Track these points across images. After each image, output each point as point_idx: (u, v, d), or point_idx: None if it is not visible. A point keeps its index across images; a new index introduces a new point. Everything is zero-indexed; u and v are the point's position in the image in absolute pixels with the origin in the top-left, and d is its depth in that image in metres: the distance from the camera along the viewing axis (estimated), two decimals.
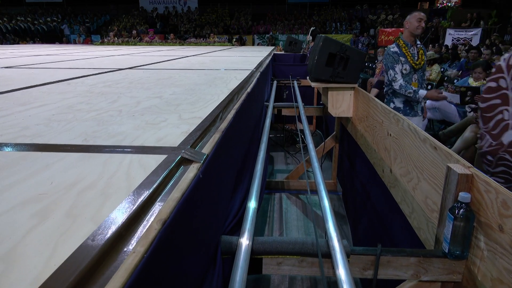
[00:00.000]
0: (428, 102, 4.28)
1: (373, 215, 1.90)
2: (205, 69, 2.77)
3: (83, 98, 1.46)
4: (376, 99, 1.94)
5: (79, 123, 1.04)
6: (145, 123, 1.04)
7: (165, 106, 1.31)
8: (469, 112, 3.52)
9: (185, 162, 0.75)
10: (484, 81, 3.91)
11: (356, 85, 2.45)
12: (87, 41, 14.56)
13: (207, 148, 0.86)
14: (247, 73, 2.49)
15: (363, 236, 2.07)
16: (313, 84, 2.50)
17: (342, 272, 0.86)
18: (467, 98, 3.76)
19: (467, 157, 3.07)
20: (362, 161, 2.25)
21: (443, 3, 17.65)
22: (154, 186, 0.60)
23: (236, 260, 0.87)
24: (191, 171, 0.70)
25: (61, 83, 1.92)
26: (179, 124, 1.03)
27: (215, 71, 2.66)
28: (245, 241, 0.93)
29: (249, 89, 1.83)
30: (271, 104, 2.84)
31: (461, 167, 0.94)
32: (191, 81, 2.02)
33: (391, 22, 16.65)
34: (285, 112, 3.10)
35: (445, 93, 4.10)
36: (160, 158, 0.74)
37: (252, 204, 1.09)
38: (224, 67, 2.96)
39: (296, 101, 3.04)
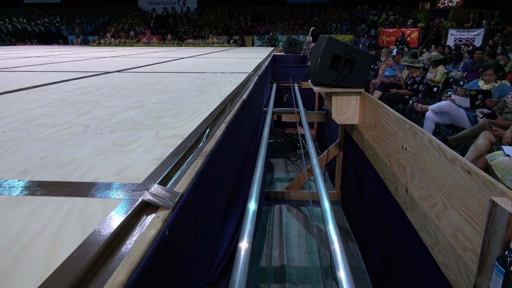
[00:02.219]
0: (435, 105, 4.08)
1: (387, 238, 1.70)
2: (199, 72, 2.57)
3: (51, 109, 1.26)
4: (387, 106, 1.73)
5: (29, 145, 0.83)
6: (111, 144, 0.83)
7: (143, 119, 1.10)
8: (481, 117, 3.32)
9: (148, 209, 0.55)
10: (496, 84, 3.71)
11: (362, 90, 2.25)
12: (93, 41, 14.02)
13: (184, 182, 0.65)
14: (244, 76, 2.29)
15: (377, 261, 1.87)
16: (315, 89, 2.30)
17: None
18: (478, 102, 3.56)
19: (480, 166, 2.87)
20: (371, 173, 2.04)
21: (445, 3, 17.47)
22: (85, 264, 0.39)
23: None
24: (154, 226, 0.50)
25: (34, 90, 1.71)
26: (153, 146, 0.82)
27: (209, 74, 2.45)
28: None
29: (244, 96, 1.63)
30: (270, 109, 2.64)
31: (511, 203, 0.73)
32: (180, 87, 1.82)
33: (392, 23, 16.45)
34: (285, 118, 2.90)
35: (454, 96, 3.90)
36: (113, 203, 0.54)
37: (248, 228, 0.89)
38: (220, 70, 2.76)
39: (297, 106, 2.84)
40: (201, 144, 0.89)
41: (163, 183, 0.63)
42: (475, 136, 3.18)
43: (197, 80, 2.11)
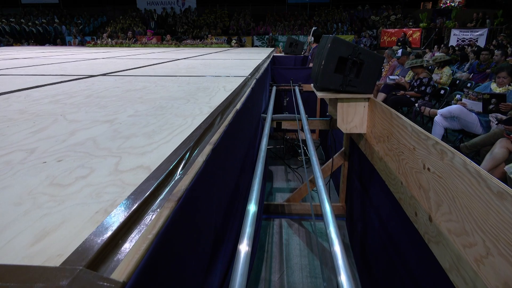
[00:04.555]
0: (444, 109, 3.86)
1: (400, 267, 1.47)
2: (191, 76, 2.35)
3: (1, 125, 1.04)
4: (403, 116, 1.51)
5: None
6: (47, 183, 0.61)
7: (107, 140, 0.88)
8: (496, 123, 3.09)
9: None
10: (510, 87, 3.48)
11: (371, 96, 2.03)
12: (89, 42, 13.63)
13: (131, 258, 0.43)
14: (240, 80, 2.07)
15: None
16: (319, 94, 2.08)
17: None
18: (491, 106, 3.34)
19: (497, 176, 2.64)
20: (381, 190, 1.82)
21: (447, 3, 17.27)
22: None
23: None
24: None
25: None
26: (105, 187, 0.60)
27: (202, 78, 2.23)
28: None
29: (239, 106, 1.41)
30: (269, 116, 2.42)
31: None
32: (166, 94, 1.60)
33: (393, 23, 16.24)
34: (285, 125, 2.67)
35: (465, 100, 3.68)
36: None
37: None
38: (215, 73, 2.54)
39: (298, 112, 2.62)
40: (174, 180, 0.66)
41: (96, 264, 0.41)
42: (490, 143, 2.96)
43: (186, 85, 1.89)
